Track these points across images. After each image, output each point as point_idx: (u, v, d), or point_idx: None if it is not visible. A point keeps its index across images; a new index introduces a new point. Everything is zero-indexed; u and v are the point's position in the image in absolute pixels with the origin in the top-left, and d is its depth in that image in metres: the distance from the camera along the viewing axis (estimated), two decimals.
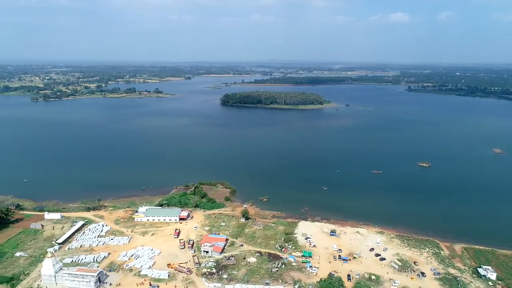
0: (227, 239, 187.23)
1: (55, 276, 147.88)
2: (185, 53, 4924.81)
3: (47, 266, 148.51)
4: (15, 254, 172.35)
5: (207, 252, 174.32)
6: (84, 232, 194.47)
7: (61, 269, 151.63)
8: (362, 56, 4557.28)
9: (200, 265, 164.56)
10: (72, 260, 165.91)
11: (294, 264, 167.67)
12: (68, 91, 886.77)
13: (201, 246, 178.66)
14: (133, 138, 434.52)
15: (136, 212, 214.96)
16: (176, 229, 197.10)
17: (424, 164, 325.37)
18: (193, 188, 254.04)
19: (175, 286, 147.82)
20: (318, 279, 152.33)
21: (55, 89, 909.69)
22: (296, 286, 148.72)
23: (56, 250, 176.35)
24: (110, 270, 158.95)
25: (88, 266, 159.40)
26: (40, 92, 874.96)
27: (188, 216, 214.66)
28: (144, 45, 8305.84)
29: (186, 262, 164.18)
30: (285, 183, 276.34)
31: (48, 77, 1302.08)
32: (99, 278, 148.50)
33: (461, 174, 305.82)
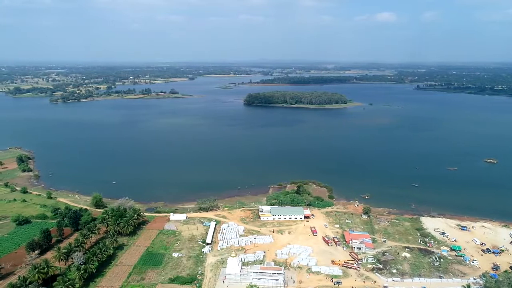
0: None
1: (240, 274, 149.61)
2: (173, 54, 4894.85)
3: (232, 265, 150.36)
4: (173, 255, 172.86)
5: (359, 248, 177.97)
6: (222, 232, 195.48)
7: (242, 268, 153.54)
8: (351, 55, 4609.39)
9: (361, 261, 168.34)
10: None
11: (450, 258, 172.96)
12: (82, 92, 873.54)
13: (348, 242, 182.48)
14: (191, 139, 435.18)
15: (261, 211, 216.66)
16: (311, 227, 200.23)
17: (491, 161, 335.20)
18: (296, 187, 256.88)
19: (364, 282, 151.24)
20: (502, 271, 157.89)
21: (68, 91, 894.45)
22: (484, 279, 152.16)
23: (209, 250, 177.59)
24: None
25: (265, 264, 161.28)
26: (53, 94, 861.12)
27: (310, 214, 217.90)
28: (132, 45, 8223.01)
29: (356, 260, 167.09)
30: (375, 180, 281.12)
31: (51, 79, 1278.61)
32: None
33: None
